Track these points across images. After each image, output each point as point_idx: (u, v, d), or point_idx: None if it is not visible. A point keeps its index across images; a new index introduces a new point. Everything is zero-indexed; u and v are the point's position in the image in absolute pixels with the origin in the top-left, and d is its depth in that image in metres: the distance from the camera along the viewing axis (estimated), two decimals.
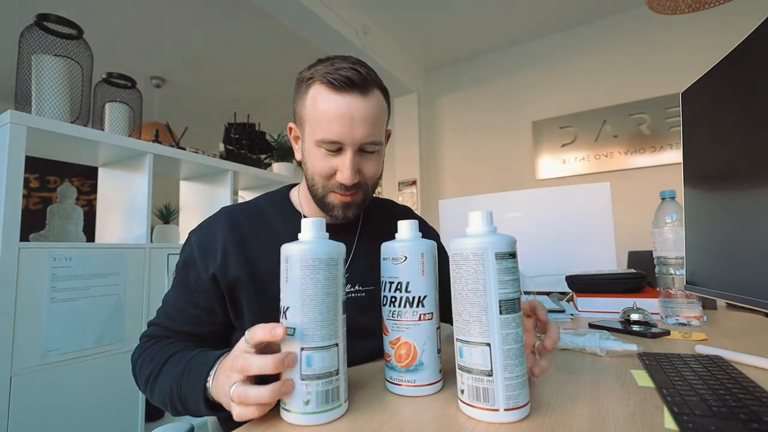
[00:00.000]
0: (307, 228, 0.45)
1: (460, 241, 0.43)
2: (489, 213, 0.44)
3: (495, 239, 0.42)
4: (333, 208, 0.64)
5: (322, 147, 0.59)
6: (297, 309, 0.41)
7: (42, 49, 1.27)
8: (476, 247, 0.41)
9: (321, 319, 0.41)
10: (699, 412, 0.38)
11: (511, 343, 0.40)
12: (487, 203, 1.19)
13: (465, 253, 0.42)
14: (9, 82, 1.52)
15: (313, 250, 0.42)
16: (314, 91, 0.59)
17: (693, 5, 1.13)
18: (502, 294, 0.40)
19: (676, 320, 0.84)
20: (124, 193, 1.54)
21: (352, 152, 0.59)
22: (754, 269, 0.51)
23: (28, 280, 1.10)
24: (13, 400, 1.04)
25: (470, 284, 0.41)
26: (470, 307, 0.41)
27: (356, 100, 0.58)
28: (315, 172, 0.62)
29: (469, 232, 0.44)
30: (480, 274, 0.41)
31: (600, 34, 3.03)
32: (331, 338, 0.42)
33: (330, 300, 0.42)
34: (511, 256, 0.42)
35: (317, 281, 0.42)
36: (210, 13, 2.79)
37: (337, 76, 0.57)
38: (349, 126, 0.57)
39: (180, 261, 0.65)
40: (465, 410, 0.41)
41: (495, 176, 3.39)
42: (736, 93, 0.56)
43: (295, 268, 0.42)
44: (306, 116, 0.61)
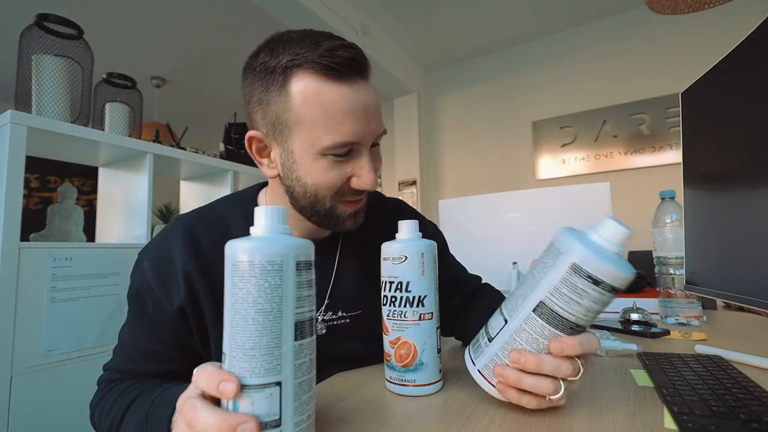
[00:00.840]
0: (260, 218, 0.33)
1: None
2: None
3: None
4: (342, 221, 0.53)
5: (329, 154, 0.47)
6: (226, 331, 0.31)
7: (42, 49, 1.27)
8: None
9: (251, 346, 0.30)
10: (699, 411, 0.38)
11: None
12: (487, 203, 1.19)
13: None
14: (9, 82, 1.52)
15: (245, 250, 0.31)
16: (303, 84, 0.45)
17: (693, 5, 1.13)
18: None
19: (675, 320, 0.84)
20: (125, 193, 1.54)
21: (368, 151, 0.49)
22: (754, 269, 0.51)
23: (29, 280, 1.10)
24: (13, 400, 1.04)
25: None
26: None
27: (363, 87, 0.47)
28: (322, 187, 0.49)
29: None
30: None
31: (600, 34, 3.04)
32: (268, 374, 0.30)
33: (267, 320, 0.30)
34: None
35: (248, 293, 0.30)
36: (210, 13, 2.79)
37: (337, 59, 0.44)
38: (364, 121, 0.46)
39: (131, 290, 0.53)
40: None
41: (495, 176, 3.40)
42: (736, 93, 0.56)
43: (227, 275, 0.32)
44: (295, 120, 0.46)
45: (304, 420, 0.32)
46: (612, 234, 0.37)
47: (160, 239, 0.54)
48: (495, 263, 1.10)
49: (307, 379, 0.33)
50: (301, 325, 0.32)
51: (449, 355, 0.67)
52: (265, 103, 0.48)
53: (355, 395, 0.48)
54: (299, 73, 0.45)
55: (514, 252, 1.09)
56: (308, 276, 0.34)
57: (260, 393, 0.30)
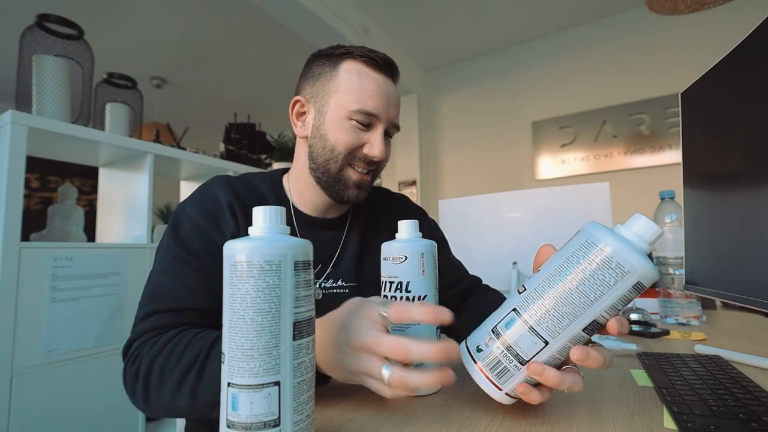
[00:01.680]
0: (258, 219, 0.34)
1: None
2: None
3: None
4: (346, 185, 0.61)
5: (353, 119, 0.59)
6: (225, 331, 0.32)
7: (43, 49, 1.27)
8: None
9: (249, 346, 0.30)
10: (698, 411, 0.38)
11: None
12: (487, 203, 1.19)
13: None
14: (10, 83, 1.52)
15: (244, 251, 0.31)
16: (350, 66, 0.60)
17: (693, 5, 1.13)
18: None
19: (675, 320, 0.84)
20: (125, 193, 1.54)
21: (383, 129, 0.61)
22: (754, 269, 0.51)
23: (29, 280, 1.10)
24: (14, 400, 1.04)
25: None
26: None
27: (390, 83, 0.61)
28: (340, 143, 0.59)
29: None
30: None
31: (600, 34, 3.04)
32: (267, 374, 0.30)
33: (265, 320, 0.30)
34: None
35: (246, 294, 0.30)
36: (210, 14, 2.80)
37: (379, 56, 0.60)
38: (386, 103, 0.60)
39: (168, 240, 0.54)
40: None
41: (495, 176, 3.40)
42: (736, 93, 0.56)
43: (225, 276, 0.32)
44: (336, 88, 0.60)
45: (303, 419, 0.32)
46: (651, 237, 0.37)
47: (201, 189, 0.60)
48: (495, 263, 1.10)
49: (306, 378, 0.33)
50: (299, 325, 0.32)
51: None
52: (317, 75, 0.62)
53: (355, 395, 0.48)
54: (349, 59, 0.60)
55: (514, 252, 1.09)
56: (306, 276, 0.34)
57: (259, 393, 0.30)
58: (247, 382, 0.30)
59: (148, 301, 0.51)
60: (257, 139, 2.13)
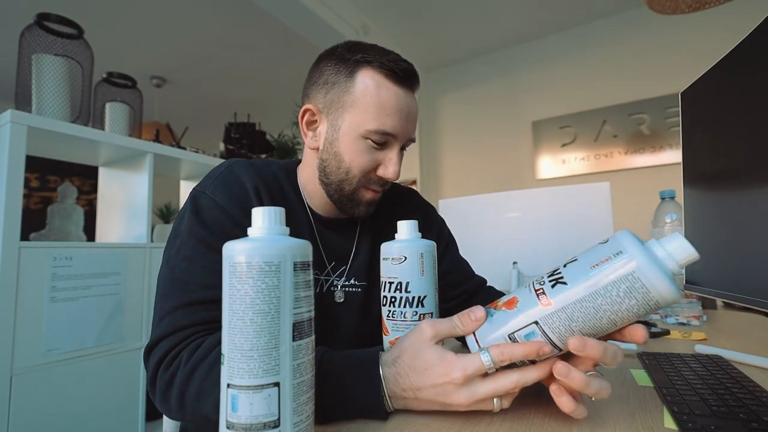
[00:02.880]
0: (257, 219, 0.34)
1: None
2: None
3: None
4: (360, 204, 0.59)
5: (369, 139, 0.54)
6: (224, 332, 0.32)
7: (42, 48, 1.27)
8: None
9: (249, 347, 0.30)
10: (698, 411, 0.38)
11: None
12: (487, 203, 1.19)
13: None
14: (9, 82, 1.52)
15: (243, 251, 0.31)
16: (368, 77, 0.54)
17: (693, 5, 1.13)
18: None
19: (675, 320, 0.84)
20: (125, 193, 1.54)
21: (399, 147, 0.57)
22: (754, 269, 0.51)
23: (29, 280, 1.10)
24: (13, 400, 1.04)
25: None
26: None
27: (411, 96, 0.56)
28: (355, 166, 0.55)
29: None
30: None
31: (600, 34, 3.03)
32: (266, 375, 0.30)
33: (264, 321, 0.30)
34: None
35: (245, 294, 0.30)
36: (210, 13, 2.79)
37: (400, 67, 0.54)
38: (406, 121, 0.55)
39: (195, 221, 0.50)
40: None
41: (495, 176, 3.40)
42: (736, 93, 0.56)
43: (225, 277, 0.32)
44: (353, 103, 0.54)
45: (303, 420, 0.32)
46: (685, 260, 0.35)
47: (223, 171, 0.56)
48: (495, 263, 1.10)
49: (306, 379, 0.33)
50: (299, 326, 0.32)
51: None
52: (331, 84, 0.56)
53: None
54: (367, 68, 0.54)
55: (514, 252, 1.09)
56: (306, 276, 0.34)
57: (258, 394, 0.30)
58: (247, 383, 0.30)
59: (173, 291, 0.47)
60: (257, 139, 2.13)
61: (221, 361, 0.32)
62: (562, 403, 0.36)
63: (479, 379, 0.37)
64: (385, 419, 0.40)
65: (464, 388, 0.37)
